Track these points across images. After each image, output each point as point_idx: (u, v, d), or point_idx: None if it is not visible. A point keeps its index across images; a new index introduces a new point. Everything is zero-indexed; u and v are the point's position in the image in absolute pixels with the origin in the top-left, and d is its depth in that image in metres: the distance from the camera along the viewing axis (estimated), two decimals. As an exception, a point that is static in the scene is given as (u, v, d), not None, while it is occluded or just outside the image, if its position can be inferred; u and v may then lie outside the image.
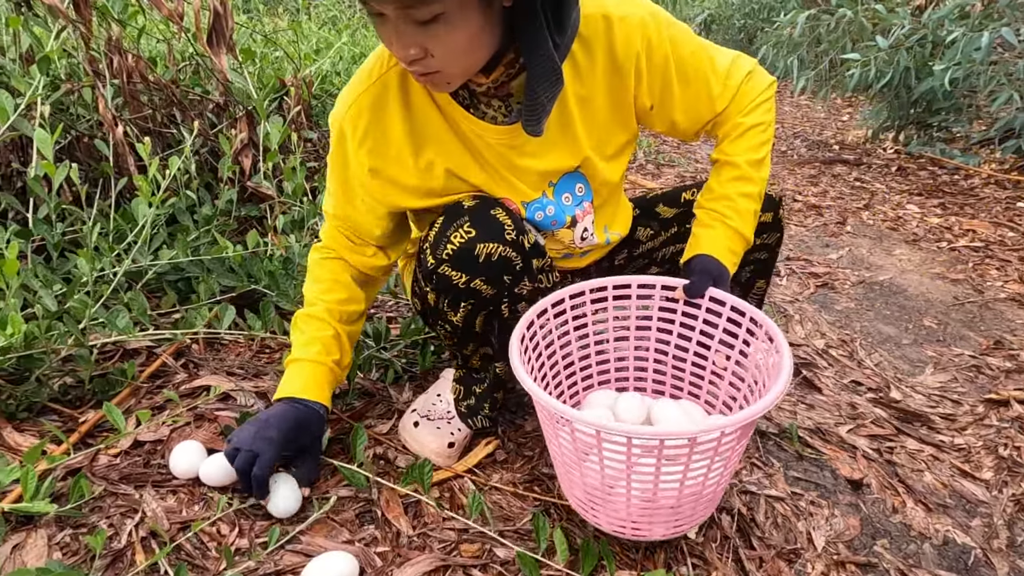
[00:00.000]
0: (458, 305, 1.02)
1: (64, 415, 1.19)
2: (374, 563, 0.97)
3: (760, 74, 1.06)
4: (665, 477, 0.87)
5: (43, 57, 1.44)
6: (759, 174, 1.05)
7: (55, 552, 0.93)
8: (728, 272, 1.06)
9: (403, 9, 0.75)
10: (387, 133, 0.99)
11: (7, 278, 1.11)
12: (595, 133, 1.02)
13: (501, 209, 1.00)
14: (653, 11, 0.96)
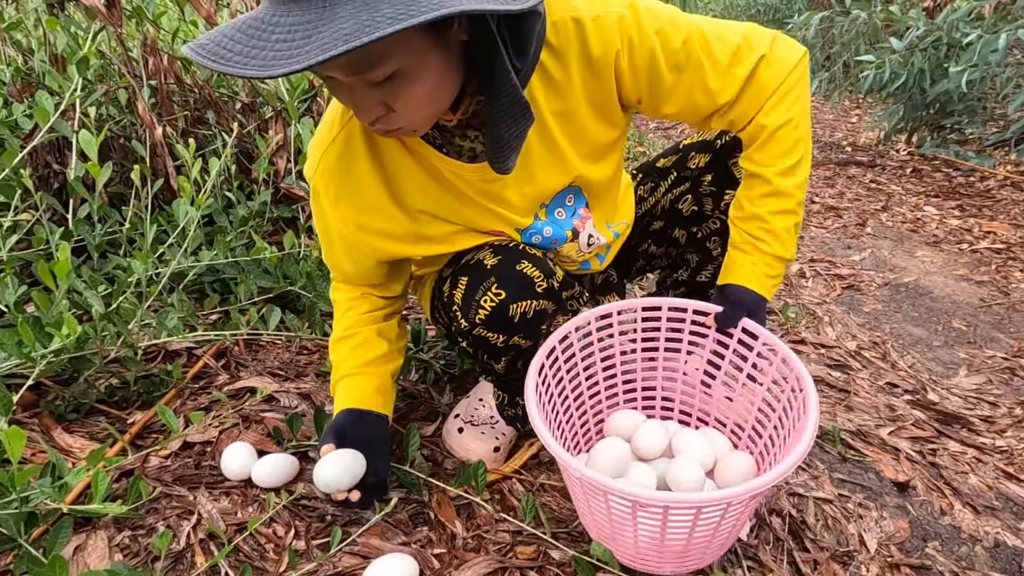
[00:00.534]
0: (499, 358, 1.02)
1: (111, 416, 1.19)
2: (431, 565, 0.97)
3: (779, 54, 0.89)
4: (672, 530, 0.86)
5: (82, 59, 1.44)
6: (793, 181, 0.94)
7: (116, 554, 0.93)
8: (764, 300, 1.00)
9: (354, 75, 0.69)
10: (361, 185, 0.93)
11: (58, 279, 1.11)
12: (582, 144, 0.95)
13: (527, 261, 0.96)
14: (633, 5, 0.84)
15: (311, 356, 1.46)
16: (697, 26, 0.87)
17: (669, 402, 1.21)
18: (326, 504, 1.05)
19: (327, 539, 1.00)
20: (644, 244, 1.21)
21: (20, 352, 1.01)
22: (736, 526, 0.91)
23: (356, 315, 1.09)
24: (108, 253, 1.43)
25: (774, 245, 0.97)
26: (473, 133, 0.91)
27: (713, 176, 1.08)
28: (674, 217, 1.12)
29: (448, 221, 0.99)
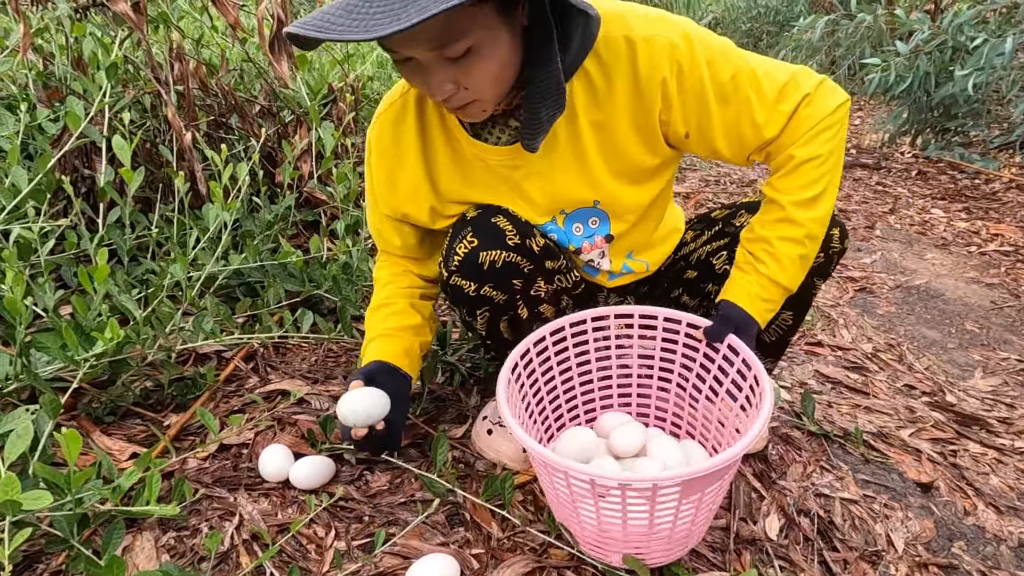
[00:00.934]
0: (475, 313, 1.04)
1: (147, 418, 1.20)
2: (471, 564, 0.99)
3: (825, 95, 0.91)
4: (606, 512, 0.89)
5: (111, 64, 1.46)
6: (808, 214, 0.94)
7: (163, 554, 0.94)
8: (754, 322, 1.00)
9: (435, 50, 0.74)
10: (402, 149, 1.01)
11: (96, 283, 1.12)
12: (616, 159, 0.97)
13: (503, 216, 1.00)
14: (686, 32, 0.87)
15: (338, 359, 1.48)
16: (747, 61, 0.89)
17: (662, 412, 1.22)
18: (343, 442, 1.09)
19: (366, 540, 1.02)
20: (677, 291, 1.20)
21: (64, 356, 1.02)
22: (691, 527, 0.93)
23: (395, 288, 1.15)
24: (138, 257, 1.45)
25: (773, 268, 0.97)
26: (514, 123, 0.95)
27: None
28: (707, 271, 1.13)
29: (467, 203, 1.04)
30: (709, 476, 0.85)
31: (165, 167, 1.63)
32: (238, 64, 1.97)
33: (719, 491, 0.93)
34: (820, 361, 1.68)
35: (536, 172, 0.98)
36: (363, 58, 2.57)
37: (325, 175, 1.87)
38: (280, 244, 1.52)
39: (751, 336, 1.01)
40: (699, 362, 1.09)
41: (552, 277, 1.06)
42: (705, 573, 1.01)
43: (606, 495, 0.86)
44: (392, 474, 1.15)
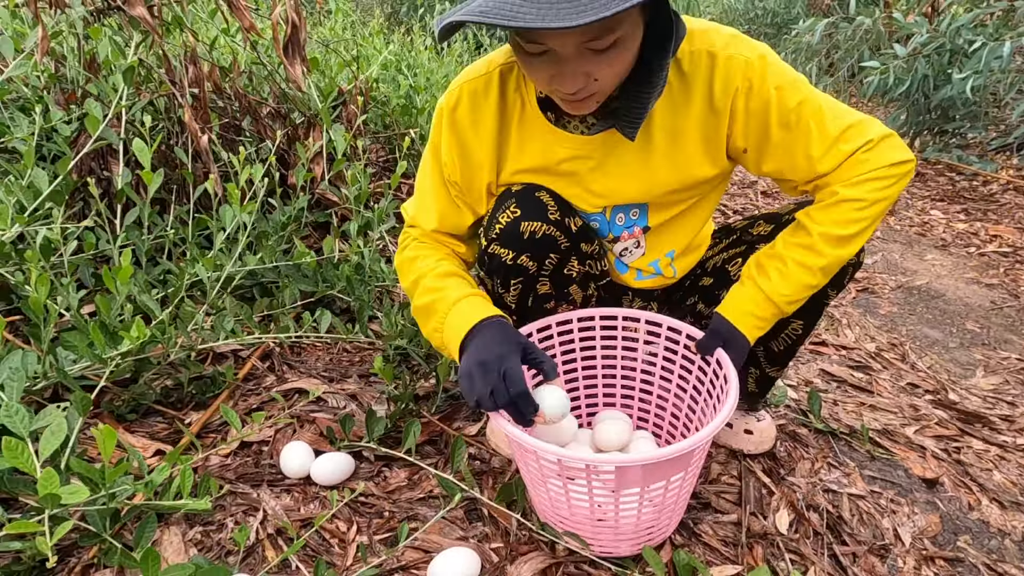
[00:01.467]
0: (508, 284, 1.05)
1: (168, 416, 1.22)
2: (490, 559, 1.01)
3: (889, 147, 0.91)
4: (574, 493, 0.94)
5: (128, 67, 1.48)
6: (833, 251, 0.95)
7: (191, 548, 0.96)
8: (743, 337, 1.01)
9: (587, 42, 0.76)
10: (479, 122, 1.00)
11: (119, 284, 1.14)
12: (679, 166, 0.99)
13: (545, 192, 1.02)
14: (763, 55, 0.90)
15: (352, 357, 1.50)
16: (816, 97, 0.92)
17: (660, 419, 1.24)
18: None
19: (387, 534, 1.04)
20: (692, 298, 1.21)
21: (92, 354, 1.04)
22: (636, 521, 0.97)
23: (454, 262, 1.06)
24: (155, 258, 1.47)
25: (776, 286, 0.98)
26: (591, 119, 0.98)
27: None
28: (723, 278, 1.14)
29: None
30: (648, 469, 0.88)
31: (180, 169, 1.65)
32: (247, 67, 1.99)
33: (669, 492, 0.95)
34: (825, 360, 1.71)
35: (601, 167, 1.01)
36: (368, 60, 2.59)
37: (335, 177, 1.89)
38: (294, 245, 1.55)
39: (740, 351, 1.02)
40: (695, 374, 1.12)
41: (584, 259, 1.08)
42: (718, 566, 1.03)
43: (552, 475, 0.92)
44: (410, 470, 1.18)
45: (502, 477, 1.19)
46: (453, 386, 1.42)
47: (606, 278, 1.16)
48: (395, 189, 1.97)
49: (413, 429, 1.16)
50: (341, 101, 1.99)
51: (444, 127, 1.02)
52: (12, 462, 0.80)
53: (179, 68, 1.62)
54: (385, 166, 2.35)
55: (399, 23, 5.78)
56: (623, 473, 0.89)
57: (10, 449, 0.81)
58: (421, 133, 2.43)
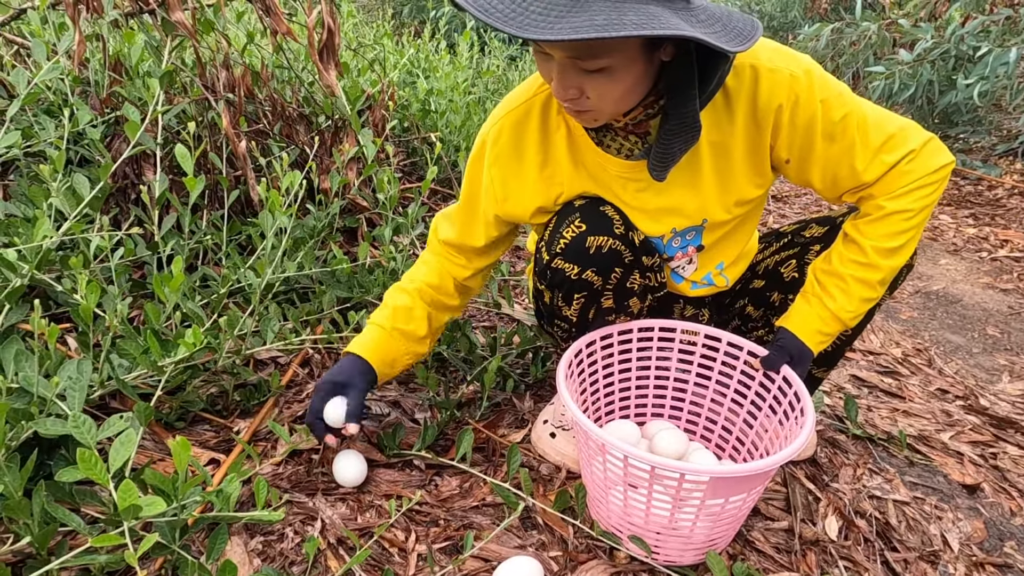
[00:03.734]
0: (571, 298, 1.06)
1: (216, 424, 1.22)
2: (550, 567, 1.02)
3: (930, 153, 0.93)
4: (657, 501, 0.95)
5: (164, 73, 1.47)
6: (887, 262, 0.97)
7: (255, 559, 0.96)
8: (810, 353, 1.04)
9: (572, 58, 0.79)
10: (522, 150, 1.03)
11: (169, 291, 1.14)
12: (726, 180, 1.00)
13: (610, 207, 1.03)
14: (808, 68, 0.91)
15: (390, 364, 1.50)
16: (860, 107, 0.92)
17: (709, 431, 1.25)
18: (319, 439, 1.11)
19: (445, 543, 1.04)
20: (742, 301, 1.23)
21: (148, 362, 1.04)
22: (711, 531, 0.97)
23: (426, 286, 1.17)
24: (193, 264, 1.46)
25: (840, 304, 1.01)
26: (633, 138, 0.98)
27: (822, 248, 1.09)
28: (775, 279, 1.15)
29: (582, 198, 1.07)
30: (737, 481, 0.89)
31: (212, 173, 1.64)
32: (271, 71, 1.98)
33: (744, 504, 0.96)
34: (854, 366, 1.72)
35: (653, 189, 1.02)
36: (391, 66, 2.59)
37: (362, 182, 1.88)
38: (329, 250, 1.54)
39: (805, 367, 1.05)
40: (754, 389, 1.13)
41: (645, 272, 1.09)
42: (775, 574, 1.04)
43: (637, 480, 0.93)
44: (461, 478, 1.18)
45: (551, 484, 1.19)
46: (495, 393, 1.43)
47: (664, 289, 1.17)
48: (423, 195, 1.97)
49: (466, 437, 1.16)
50: (367, 105, 1.99)
51: (487, 162, 1.06)
52: (87, 473, 0.80)
53: (212, 73, 1.61)
54: (406, 170, 2.35)
55: (403, 24, 5.77)
56: (715, 484, 0.89)
57: (84, 460, 0.80)
58: (441, 137, 2.43)
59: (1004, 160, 3.95)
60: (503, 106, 1.05)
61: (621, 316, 1.12)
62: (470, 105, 2.61)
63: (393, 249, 1.64)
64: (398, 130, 2.48)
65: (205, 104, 1.70)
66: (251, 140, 1.75)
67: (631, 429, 1.17)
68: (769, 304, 1.17)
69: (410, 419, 1.31)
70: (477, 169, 1.09)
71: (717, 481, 0.89)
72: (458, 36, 3.06)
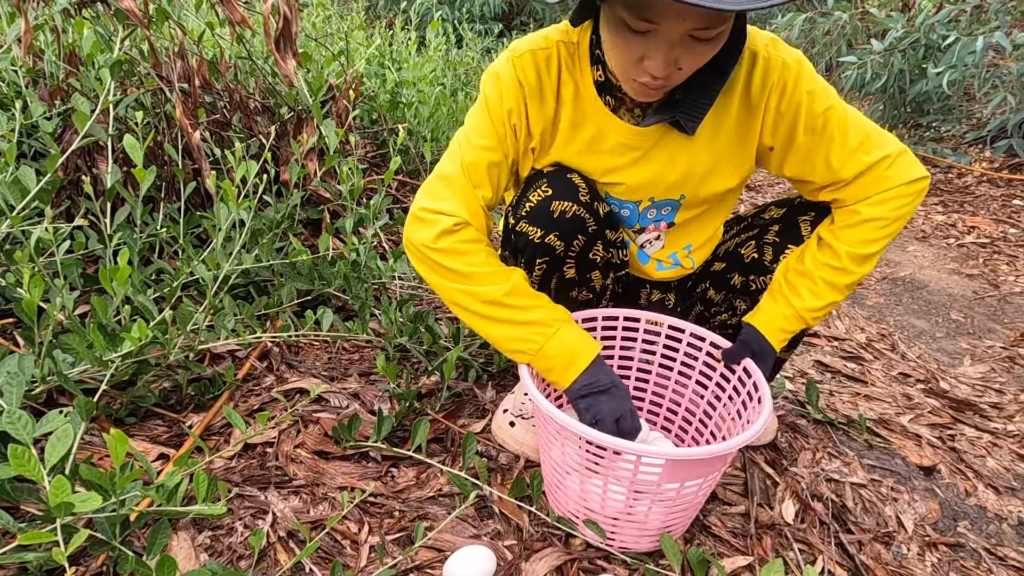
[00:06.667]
0: (533, 263, 1.04)
1: (168, 419, 1.20)
2: (504, 556, 1.01)
3: (905, 163, 0.95)
4: (592, 486, 0.96)
5: (115, 62, 1.44)
6: (859, 268, 1.00)
7: (201, 554, 0.94)
8: (772, 350, 1.06)
9: (699, 29, 0.77)
10: (542, 90, 0.99)
11: (116, 284, 1.11)
12: (715, 162, 1.01)
13: (576, 175, 1.03)
14: (800, 60, 0.93)
15: (351, 356, 1.48)
16: (842, 105, 0.95)
17: (670, 422, 1.25)
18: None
19: (399, 535, 1.03)
20: (703, 285, 1.23)
21: (91, 356, 1.02)
22: (686, 508, 0.98)
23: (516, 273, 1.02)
24: (147, 258, 1.43)
25: (808, 303, 1.02)
26: (637, 110, 0.98)
27: (780, 227, 1.11)
28: (735, 261, 1.16)
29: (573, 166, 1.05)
30: (692, 465, 0.90)
31: (168, 166, 1.61)
32: (232, 62, 1.95)
33: (700, 491, 0.96)
34: (818, 351, 1.73)
35: (647, 158, 1.01)
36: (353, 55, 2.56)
37: (326, 173, 1.86)
38: (289, 242, 1.52)
39: (768, 362, 1.06)
40: (715, 380, 1.13)
41: (608, 246, 1.08)
42: (730, 558, 1.04)
43: (593, 464, 0.93)
44: (418, 469, 1.17)
45: (510, 473, 1.19)
46: (456, 383, 1.42)
47: (626, 268, 1.17)
48: (388, 186, 1.95)
49: (422, 427, 1.15)
50: (330, 96, 1.96)
51: (510, 85, 0.98)
52: (19, 470, 0.78)
53: (167, 63, 1.58)
54: (374, 162, 2.33)
55: (377, 17, 5.72)
56: (671, 468, 0.89)
57: (16, 457, 0.78)
58: (410, 128, 2.41)
59: (974, 148, 4.00)
60: (526, 43, 0.99)
61: (583, 291, 1.11)
62: (440, 96, 2.59)
63: (356, 240, 1.62)
64: (367, 122, 2.46)
65: (162, 96, 1.67)
66: (208, 131, 1.72)
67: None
68: (730, 287, 1.17)
69: (369, 411, 1.30)
70: (495, 99, 0.99)
71: (673, 464, 0.88)
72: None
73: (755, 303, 1.12)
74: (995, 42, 3.29)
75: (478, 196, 1.00)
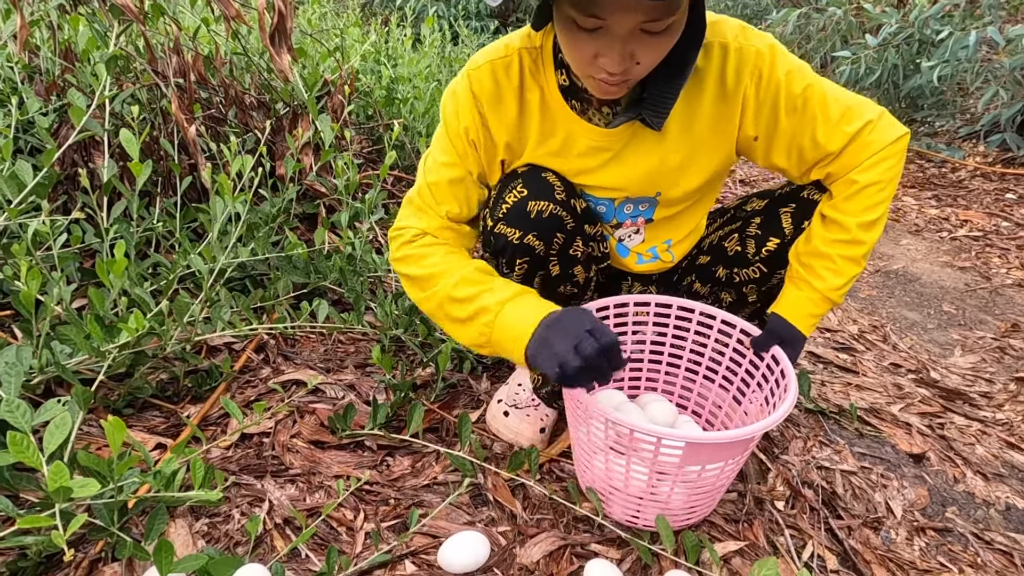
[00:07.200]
0: (514, 263, 1.05)
1: (165, 410, 1.21)
2: (498, 542, 1.02)
3: (886, 125, 0.96)
4: (635, 470, 0.97)
5: (111, 57, 1.45)
6: (869, 235, 1.00)
7: (199, 540, 0.96)
8: (802, 337, 1.06)
9: (648, 22, 0.76)
10: (501, 101, 0.99)
11: (113, 276, 1.13)
12: (690, 158, 1.01)
13: (551, 173, 1.03)
14: (771, 44, 0.93)
15: (347, 348, 1.50)
16: (818, 81, 0.95)
17: (700, 408, 1.27)
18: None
19: (394, 521, 1.05)
20: (689, 278, 1.24)
21: (88, 347, 1.03)
22: (687, 499, 1.00)
23: (465, 261, 1.01)
24: (144, 251, 1.44)
25: (831, 283, 1.02)
26: (606, 109, 0.98)
27: (762, 220, 1.11)
28: (719, 254, 1.17)
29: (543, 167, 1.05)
30: (714, 448, 0.91)
31: (165, 160, 1.62)
32: (228, 57, 1.96)
33: (721, 474, 0.98)
34: (810, 343, 1.74)
35: (618, 158, 1.01)
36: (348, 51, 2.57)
37: (321, 168, 1.87)
38: (284, 236, 1.53)
39: (797, 348, 1.06)
40: (744, 367, 1.14)
41: (588, 241, 1.09)
42: (722, 542, 1.06)
43: (617, 444, 0.94)
44: (413, 458, 1.18)
45: (504, 462, 1.20)
46: (451, 374, 1.43)
47: (607, 260, 1.18)
48: (383, 180, 1.96)
49: (417, 413, 1.16)
50: (326, 92, 1.97)
51: (466, 102, 0.99)
52: (18, 456, 0.79)
53: (163, 58, 1.59)
54: (369, 157, 2.34)
55: (373, 14, 5.72)
56: (691, 450, 0.90)
57: (15, 443, 0.79)
58: (405, 124, 2.42)
59: (968, 143, 4.02)
60: (483, 54, 0.99)
61: (568, 286, 1.12)
62: (435, 92, 2.59)
63: (351, 234, 1.63)
64: (362, 118, 2.47)
65: (158, 91, 1.68)
66: (204, 126, 1.73)
67: (620, 397, 1.18)
68: (715, 280, 1.18)
69: (364, 401, 1.31)
70: (453, 118, 1.00)
71: (693, 447, 0.90)
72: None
73: (740, 295, 1.13)
74: (988, 36, 3.32)
75: (441, 211, 1.02)
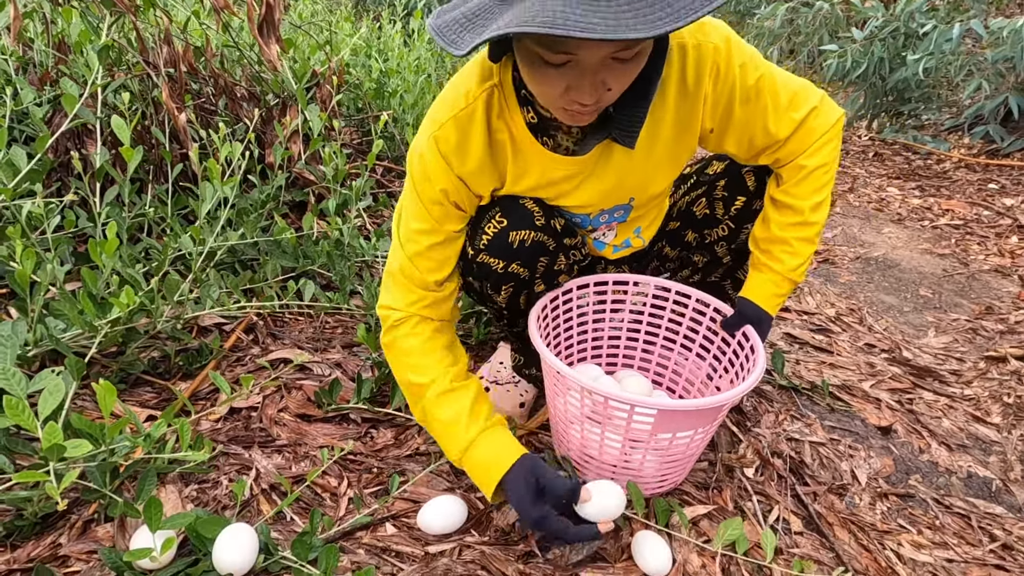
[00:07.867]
0: (500, 288, 1.08)
1: (157, 386, 1.25)
2: (477, 506, 1.07)
3: (827, 109, 1.00)
4: (610, 437, 1.02)
5: (103, 47, 1.49)
6: (820, 216, 1.05)
7: (188, 504, 1.00)
8: (769, 316, 1.11)
9: (620, 50, 0.74)
10: (467, 153, 0.97)
11: (105, 256, 1.17)
12: (658, 159, 1.02)
13: (529, 200, 1.04)
14: (726, 36, 0.93)
15: (334, 329, 1.54)
16: (769, 69, 0.97)
17: (674, 384, 1.32)
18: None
19: (377, 488, 1.09)
20: (660, 243, 1.27)
21: (82, 321, 1.07)
22: (680, 459, 1.05)
23: (439, 361, 1.05)
24: (136, 236, 1.48)
25: (790, 264, 1.07)
26: (576, 130, 0.97)
27: (726, 182, 1.14)
28: (688, 219, 1.21)
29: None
30: (685, 416, 0.96)
31: (156, 148, 1.66)
32: (218, 49, 2.00)
33: (692, 443, 1.02)
34: (788, 325, 1.79)
35: (592, 177, 1.03)
36: (338, 45, 2.61)
37: (311, 157, 1.91)
38: (274, 221, 1.57)
39: (766, 327, 1.12)
40: (716, 344, 1.19)
41: (569, 252, 1.13)
42: (691, 506, 1.10)
43: (594, 415, 0.99)
44: (396, 430, 1.22)
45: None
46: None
47: (588, 259, 1.22)
48: (371, 169, 2.00)
49: (400, 389, 1.20)
50: (315, 83, 2.01)
51: (436, 166, 0.96)
52: (14, 419, 0.83)
53: (154, 48, 1.63)
54: (359, 148, 2.38)
55: (366, 11, 5.76)
56: (663, 417, 0.95)
57: (11, 407, 0.84)
58: (395, 116, 2.46)
59: (953, 135, 4.07)
60: (442, 111, 0.96)
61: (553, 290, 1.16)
62: (424, 84, 2.64)
63: (339, 220, 1.68)
64: (352, 110, 2.51)
65: (150, 82, 1.72)
66: (195, 115, 1.76)
67: (597, 371, 1.23)
68: (685, 243, 1.23)
69: (350, 378, 1.35)
70: (422, 181, 0.99)
71: (664, 415, 0.94)
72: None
73: (713, 255, 1.18)
74: (972, 29, 3.37)
75: (428, 282, 1.02)
